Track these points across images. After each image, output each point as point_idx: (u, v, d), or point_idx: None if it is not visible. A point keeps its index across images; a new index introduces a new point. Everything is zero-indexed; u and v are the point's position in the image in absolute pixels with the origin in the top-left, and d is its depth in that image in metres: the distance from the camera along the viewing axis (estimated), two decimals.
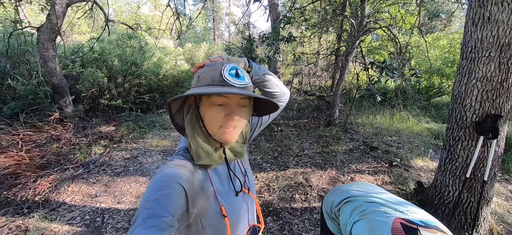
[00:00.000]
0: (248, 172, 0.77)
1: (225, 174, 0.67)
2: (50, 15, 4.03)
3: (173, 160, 0.59)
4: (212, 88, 0.54)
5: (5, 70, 4.15)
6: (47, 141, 3.35)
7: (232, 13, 21.97)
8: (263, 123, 0.82)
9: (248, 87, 0.59)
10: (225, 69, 0.56)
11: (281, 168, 3.14)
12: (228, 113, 0.57)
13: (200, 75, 0.58)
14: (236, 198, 0.67)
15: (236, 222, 0.68)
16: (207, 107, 0.58)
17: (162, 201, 0.46)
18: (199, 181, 0.59)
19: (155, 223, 0.42)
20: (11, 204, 2.29)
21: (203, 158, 0.59)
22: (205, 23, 23.34)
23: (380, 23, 4.32)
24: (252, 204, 0.77)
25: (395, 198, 0.80)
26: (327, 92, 5.31)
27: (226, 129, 0.58)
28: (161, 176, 0.52)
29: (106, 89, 5.52)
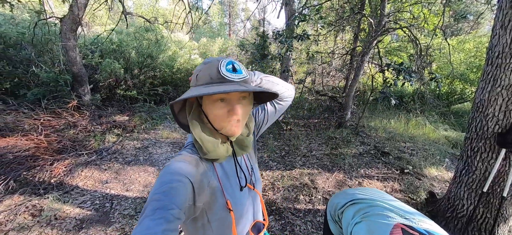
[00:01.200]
0: (255, 168, 0.78)
1: (231, 169, 0.68)
2: (72, 6, 4.21)
3: (182, 154, 0.61)
4: (211, 87, 0.55)
5: (30, 58, 4.39)
6: (65, 127, 3.53)
7: (248, 9, 21.90)
8: (269, 119, 0.83)
9: (246, 79, 0.60)
10: (222, 65, 0.57)
11: (287, 167, 3.11)
12: (231, 108, 0.58)
13: (198, 74, 0.58)
14: (241, 193, 0.68)
15: (241, 217, 0.68)
16: (210, 105, 0.59)
17: (170, 194, 0.47)
18: (206, 175, 0.60)
19: (163, 215, 0.43)
20: (29, 184, 2.44)
21: (210, 152, 0.61)
22: (221, 19, 23.48)
23: (401, 23, 4.12)
24: (257, 200, 0.77)
25: (403, 206, 0.76)
26: (339, 92, 5.18)
27: (231, 123, 0.60)
28: (170, 170, 0.54)
29: (122, 79, 5.71)
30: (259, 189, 0.77)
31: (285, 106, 0.85)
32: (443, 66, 6.28)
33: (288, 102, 0.85)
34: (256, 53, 4.97)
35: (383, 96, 2.95)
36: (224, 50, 11.32)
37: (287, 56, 4.19)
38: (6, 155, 2.69)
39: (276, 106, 0.83)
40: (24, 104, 3.71)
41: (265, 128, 0.87)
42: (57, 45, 4.72)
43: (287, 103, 0.85)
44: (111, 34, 5.97)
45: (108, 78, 5.46)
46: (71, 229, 1.98)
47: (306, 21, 3.66)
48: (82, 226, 2.03)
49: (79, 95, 4.51)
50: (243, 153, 0.70)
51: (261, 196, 0.78)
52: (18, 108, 3.52)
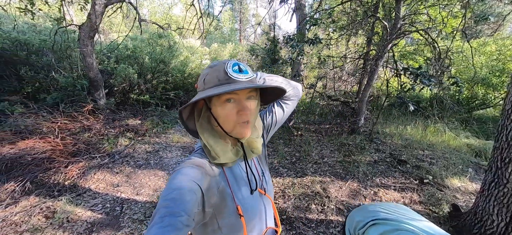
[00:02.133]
0: (266, 173, 0.77)
1: (241, 174, 0.67)
2: (90, 14, 4.38)
3: (191, 158, 0.61)
4: (219, 87, 0.56)
5: (50, 64, 4.60)
6: (80, 130, 3.63)
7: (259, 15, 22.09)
8: (278, 121, 0.83)
9: (253, 79, 0.60)
10: (228, 66, 0.58)
11: (298, 174, 3.02)
12: (240, 108, 0.59)
13: (206, 78, 0.59)
14: (253, 199, 0.67)
15: (253, 223, 0.67)
16: (219, 107, 0.59)
17: (178, 200, 0.47)
18: (215, 180, 0.60)
19: (172, 222, 0.43)
20: (44, 186, 2.51)
21: (220, 156, 0.61)
22: (231, 24, 23.82)
23: (417, 26, 3.96)
24: (269, 206, 0.75)
25: (433, 228, 0.68)
26: (352, 98, 5.03)
27: (240, 124, 0.60)
28: (179, 175, 0.53)
29: (136, 84, 5.85)
30: (270, 194, 0.75)
31: (293, 106, 0.85)
32: (463, 70, 5.96)
33: (295, 101, 0.85)
34: (266, 58, 4.95)
35: (400, 102, 2.81)
36: (234, 55, 11.41)
37: (298, 61, 4.13)
38: (24, 156, 2.78)
39: (284, 107, 0.83)
40: (43, 108, 3.86)
41: (274, 131, 0.86)
42: (75, 51, 4.92)
43: (294, 102, 0.85)
44: (126, 41, 6.17)
45: (122, 82, 5.61)
46: (82, 232, 2.00)
47: (317, 25, 3.60)
48: (93, 229, 2.04)
49: (95, 99, 4.65)
50: (253, 155, 0.70)
51: (273, 202, 0.76)
52: (37, 111, 3.67)
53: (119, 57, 5.93)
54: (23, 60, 4.41)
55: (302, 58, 3.61)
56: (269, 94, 0.72)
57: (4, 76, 4.29)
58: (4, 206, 2.16)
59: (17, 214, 2.09)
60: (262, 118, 0.82)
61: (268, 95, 0.73)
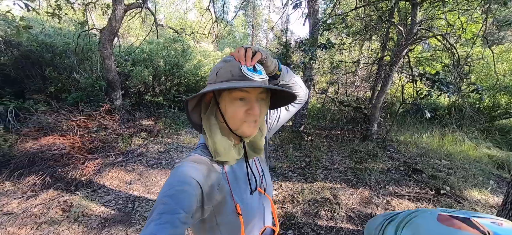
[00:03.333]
0: (266, 173, 0.76)
1: (241, 172, 0.67)
2: (111, 19, 4.60)
3: (192, 155, 0.61)
4: (233, 83, 0.55)
5: (72, 65, 4.86)
6: (97, 129, 3.79)
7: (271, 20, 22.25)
8: (281, 120, 0.82)
9: (266, 80, 0.59)
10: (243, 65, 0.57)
11: (308, 180, 2.98)
12: (249, 107, 0.58)
13: (219, 72, 0.58)
14: (252, 198, 0.67)
15: (251, 222, 0.67)
16: (228, 103, 0.59)
17: (177, 198, 0.47)
18: (215, 178, 0.59)
19: (169, 220, 0.43)
20: (62, 181, 2.63)
21: (222, 154, 0.60)
22: (244, 29, 24.13)
23: (434, 31, 3.84)
24: (268, 205, 0.75)
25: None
26: (365, 104, 4.93)
27: (247, 123, 0.59)
28: (179, 172, 0.53)
29: (151, 86, 6.05)
30: (270, 194, 0.75)
31: (298, 108, 0.85)
32: (484, 78, 5.69)
33: (302, 103, 0.83)
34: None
35: (415, 108, 2.72)
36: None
37: (310, 65, 4.12)
38: (45, 152, 2.94)
39: (289, 107, 0.82)
40: (64, 107, 4.07)
41: (276, 130, 0.85)
42: (95, 53, 5.17)
43: (300, 105, 0.84)
44: (143, 44, 6.41)
45: (138, 84, 5.82)
46: (95, 226, 2.07)
47: (330, 30, 3.58)
48: (106, 224, 2.11)
49: (112, 99, 4.85)
50: (255, 155, 0.69)
51: (272, 201, 0.76)
52: (59, 110, 3.86)
53: (135, 60, 6.17)
54: (48, 61, 4.69)
55: (314, 62, 3.59)
56: (278, 98, 0.71)
57: (30, 76, 4.57)
58: (26, 198, 2.29)
59: (36, 206, 2.20)
60: (266, 116, 0.80)
61: (277, 98, 0.71)
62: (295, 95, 0.65)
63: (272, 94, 0.70)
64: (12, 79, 4.42)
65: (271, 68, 0.65)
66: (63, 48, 4.98)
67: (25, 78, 4.53)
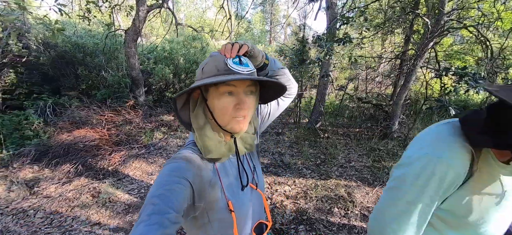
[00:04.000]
0: (257, 168, 0.76)
1: (233, 169, 0.67)
2: (135, 20, 4.88)
3: (182, 153, 0.60)
4: (218, 77, 0.54)
5: (101, 64, 5.23)
6: (122, 123, 4.06)
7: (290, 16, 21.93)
8: (272, 115, 0.82)
9: (253, 72, 0.58)
10: (229, 58, 0.56)
11: (322, 176, 2.95)
12: (238, 102, 0.57)
13: (204, 68, 0.57)
14: (244, 194, 0.66)
15: (244, 218, 0.66)
16: (216, 99, 0.57)
17: (166, 197, 0.46)
18: (206, 175, 0.59)
19: (158, 220, 0.42)
20: (92, 169, 2.88)
21: (212, 151, 0.59)
22: (262, 26, 24.05)
23: (466, 22, 3.55)
24: (260, 201, 0.75)
25: None
26: (386, 100, 4.71)
27: (237, 119, 0.58)
28: (168, 170, 0.52)
29: (171, 83, 6.32)
30: (262, 189, 0.74)
31: (288, 102, 0.84)
32: None
33: (292, 97, 0.83)
34: (294, 58, 4.92)
35: (439, 105, 2.55)
36: None
37: (327, 61, 4.02)
38: (78, 143, 3.23)
39: (279, 101, 0.81)
40: (94, 102, 4.42)
41: (268, 125, 0.84)
42: (121, 53, 5.52)
43: (290, 99, 0.84)
44: (164, 43, 6.70)
45: (159, 81, 6.11)
46: (120, 212, 2.25)
47: (348, 23, 3.46)
48: (129, 210, 2.28)
49: (136, 96, 5.15)
50: (246, 151, 0.69)
51: (264, 197, 0.75)
52: (89, 105, 4.20)
53: (157, 58, 6.47)
54: (80, 61, 5.10)
55: (331, 58, 3.50)
56: (268, 91, 0.69)
57: (65, 74, 5.01)
58: (61, 183, 2.55)
59: (70, 191, 2.44)
60: (257, 112, 0.79)
61: (267, 92, 0.70)
62: (285, 86, 0.63)
63: (262, 87, 0.68)
64: (50, 77, 4.89)
65: (259, 58, 0.66)
66: (93, 48, 5.38)
67: (60, 76, 4.98)
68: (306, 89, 5.71)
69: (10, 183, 2.51)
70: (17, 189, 2.41)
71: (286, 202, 2.44)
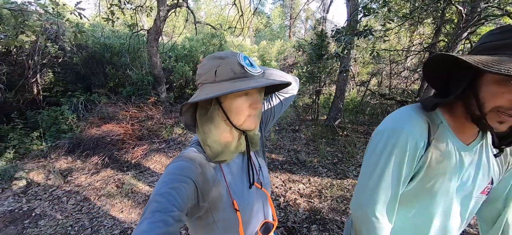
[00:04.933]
0: (263, 167, 0.76)
1: (238, 168, 0.67)
2: (156, 20, 5.09)
3: (187, 152, 0.60)
4: (238, 82, 0.55)
5: (126, 63, 5.55)
6: (145, 119, 4.29)
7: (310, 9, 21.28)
8: (276, 113, 0.83)
9: (263, 73, 0.62)
10: (241, 59, 0.57)
11: (339, 176, 2.85)
12: (253, 101, 0.59)
13: (218, 70, 0.56)
14: (249, 193, 0.66)
15: (249, 218, 0.66)
16: (233, 100, 0.58)
17: (170, 196, 0.46)
18: (211, 174, 0.59)
19: (162, 218, 0.42)
20: (118, 162, 3.09)
21: (219, 154, 0.60)
22: (281, 21, 23.69)
23: (509, 8, 3.16)
24: (266, 200, 0.75)
25: None
26: (412, 97, 4.39)
27: (252, 117, 0.60)
28: (173, 169, 0.53)
29: (191, 81, 6.52)
30: (267, 188, 0.74)
31: (291, 99, 0.85)
32: None
33: (294, 95, 0.84)
34: (312, 53, 4.78)
35: None
36: (282, 52, 11.37)
37: (347, 56, 3.85)
38: (105, 138, 3.48)
39: (281, 99, 0.82)
40: (120, 99, 4.73)
41: (272, 124, 0.84)
42: (144, 52, 5.80)
43: (293, 95, 0.85)
44: (184, 41, 6.90)
45: (179, 79, 6.34)
46: (141, 202, 2.39)
47: (370, 15, 3.27)
48: None
49: (157, 93, 5.40)
50: (252, 150, 0.69)
51: (269, 196, 0.75)
52: (116, 102, 4.50)
53: (178, 56, 6.70)
54: (108, 60, 5.47)
55: (350, 52, 3.34)
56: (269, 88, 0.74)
57: (95, 73, 5.41)
58: (90, 174, 2.78)
59: (98, 181, 2.65)
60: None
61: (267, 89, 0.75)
62: (288, 82, 0.66)
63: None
64: (82, 76, 5.31)
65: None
66: (119, 48, 5.73)
67: (91, 75, 5.38)
68: (324, 85, 5.53)
69: (48, 172, 2.79)
70: (54, 178, 2.67)
71: (299, 200, 2.41)
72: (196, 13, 5.98)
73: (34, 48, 4.67)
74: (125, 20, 5.83)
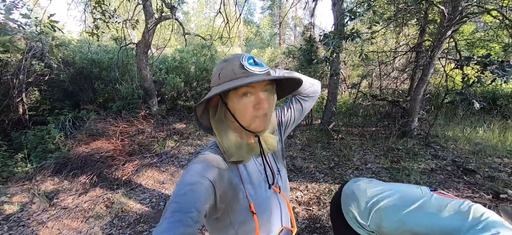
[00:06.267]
0: (282, 171, 0.75)
1: (255, 170, 0.66)
2: (144, 33, 5.05)
3: (204, 153, 0.61)
4: (236, 81, 0.55)
5: (116, 77, 5.46)
6: (135, 133, 4.18)
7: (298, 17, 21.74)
8: (296, 117, 0.82)
9: (268, 72, 0.60)
10: (244, 60, 0.57)
11: (337, 181, 2.81)
12: (257, 102, 0.58)
13: (221, 72, 0.58)
14: (266, 197, 0.66)
15: (266, 221, 0.66)
16: (236, 101, 0.59)
17: (189, 196, 0.48)
18: (228, 176, 0.59)
19: (181, 218, 0.44)
20: (107, 180, 2.96)
21: (234, 154, 0.61)
22: (271, 29, 24.07)
23: (488, 6, 3.27)
24: (284, 205, 0.73)
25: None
26: (403, 96, 4.45)
27: (259, 118, 0.59)
28: (192, 170, 0.54)
29: (183, 92, 6.44)
30: (286, 193, 0.73)
31: (312, 103, 0.84)
32: None
33: (315, 98, 0.83)
34: (302, 59, 4.81)
35: (462, 98, 2.35)
36: (273, 59, 11.47)
37: (336, 59, 3.89)
38: (94, 155, 3.35)
39: (302, 103, 0.81)
40: (110, 114, 4.61)
41: (292, 128, 0.84)
42: (134, 65, 5.72)
43: (313, 99, 0.83)
44: (175, 53, 6.86)
45: (171, 91, 6.26)
46: (132, 222, 2.28)
47: (356, 18, 3.32)
48: (140, 220, 2.31)
49: (149, 106, 5.31)
50: (268, 151, 0.68)
51: (288, 201, 0.73)
52: (105, 117, 4.38)
53: (169, 68, 6.65)
54: (97, 75, 5.36)
55: (339, 56, 3.37)
56: (284, 88, 0.72)
57: (83, 89, 5.28)
58: (78, 195, 2.64)
59: (86, 202, 2.52)
60: (280, 114, 0.81)
61: (283, 89, 0.73)
62: (300, 80, 0.66)
63: (278, 85, 0.71)
64: (70, 93, 5.17)
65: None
66: (108, 63, 5.64)
67: (79, 91, 5.25)
68: None
69: (32, 195, 2.65)
70: (38, 201, 2.53)
71: (298, 208, 2.34)
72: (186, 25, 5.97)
73: (19, 67, 4.54)
74: (113, 35, 5.77)
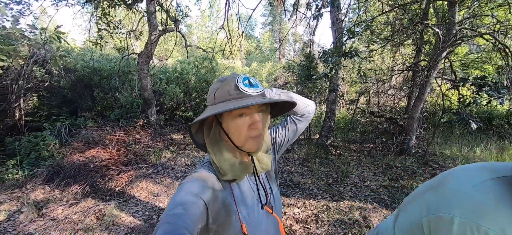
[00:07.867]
0: (275, 192, 0.74)
1: (248, 189, 0.66)
2: (147, 43, 5.12)
3: (198, 171, 0.61)
4: (231, 102, 0.56)
5: (116, 86, 5.47)
6: (132, 143, 4.13)
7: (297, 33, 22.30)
8: (290, 137, 0.82)
9: (263, 93, 0.60)
10: (239, 81, 0.58)
11: (334, 198, 2.77)
12: (252, 122, 0.58)
13: (216, 93, 0.59)
14: (259, 218, 0.65)
15: None
16: (231, 121, 0.59)
17: (181, 216, 0.47)
18: (221, 195, 0.59)
19: None
20: (100, 191, 2.89)
21: (228, 173, 0.60)
22: (271, 44, 24.58)
23: (481, 30, 3.39)
24: (277, 227, 0.71)
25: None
26: (400, 114, 4.49)
27: (252, 138, 0.59)
28: (184, 189, 0.54)
29: (182, 102, 6.45)
30: (279, 214, 0.71)
31: (306, 124, 0.83)
32: None
33: (309, 118, 0.83)
34: (301, 74, 4.88)
35: (458, 118, 2.37)
36: (272, 73, 11.62)
37: (334, 76, 3.95)
38: (88, 164, 3.29)
39: (297, 124, 0.81)
40: (107, 123, 4.57)
41: (286, 148, 0.83)
42: (135, 75, 5.76)
43: (308, 120, 0.83)
44: (176, 64, 6.93)
45: (170, 101, 6.26)
46: None
47: (354, 37, 3.41)
48: (132, 234, 2.23)
49: (147, 116, 5.28)
50: (262, 171, 0.68)
51: (281, 224, 0.71)
52: (103, 126, 4.34)
53: (169, 78, 6.69)
54: (97, 83, 5.37)
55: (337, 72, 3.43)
56: (279, 108, 0.73)
57: (82, 97, 5.27)
58: (68, 205, 2.56)
59: (76, 213, 2.44)
60: (274, 133, 0.81)
61: (278, 110, 0.74)
62: (293, 102, 0.66)
63: (273, 104, 0.72)
64: (68, 100, 5.15)
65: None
66: (109, 71, 5.67)
67: (78, 98, 5.24)
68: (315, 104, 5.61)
69: (21, 204, 2.56)
70: (27, 211, 2.44)
71: (295, 226, 2.29)
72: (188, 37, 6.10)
73: (20, 72, 4.55)
74: (116, 44, 5.85)
